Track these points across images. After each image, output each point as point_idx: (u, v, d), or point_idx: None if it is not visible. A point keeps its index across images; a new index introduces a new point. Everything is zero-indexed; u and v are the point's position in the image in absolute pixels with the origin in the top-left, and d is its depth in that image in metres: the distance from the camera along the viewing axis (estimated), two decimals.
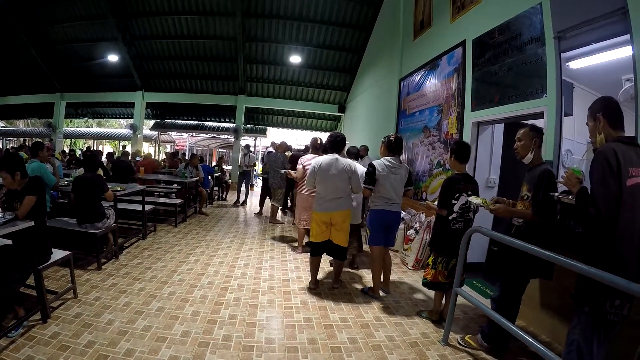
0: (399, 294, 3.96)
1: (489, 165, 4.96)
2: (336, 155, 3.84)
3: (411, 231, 5.00)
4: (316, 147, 5.34)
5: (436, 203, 3.27)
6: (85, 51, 13.19)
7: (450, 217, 3.12)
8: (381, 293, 3.88)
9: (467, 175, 3.24)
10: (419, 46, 6.58)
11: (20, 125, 25.93)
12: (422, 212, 5.16)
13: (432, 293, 3.52)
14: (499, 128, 4.89)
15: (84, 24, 12.13)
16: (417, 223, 5.04)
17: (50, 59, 13.65)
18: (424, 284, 3.38)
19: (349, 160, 3.89)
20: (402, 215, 5.23)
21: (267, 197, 7.80)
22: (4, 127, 23.36)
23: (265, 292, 3.82)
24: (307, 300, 3.66)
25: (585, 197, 1.93)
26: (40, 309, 2.99)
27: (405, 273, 4.75)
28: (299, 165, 5.10)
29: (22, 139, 19.93)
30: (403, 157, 6.22)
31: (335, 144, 3.92)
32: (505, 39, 4.10)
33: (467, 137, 4.68)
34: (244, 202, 9.81)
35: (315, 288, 3.98)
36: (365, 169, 4.07)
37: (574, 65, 3.50)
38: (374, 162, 3.67)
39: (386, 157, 3.71)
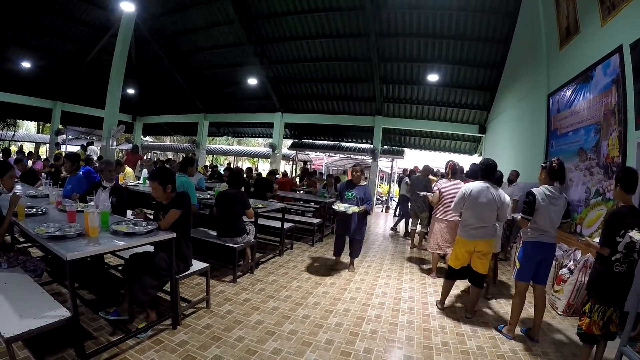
0: (548, 344, 3.48)
1: None
2: (487, 184, 3.79)
3: (564, 270, 4.36)
4: (451, 172, 5.29)
5: (596, 240, 2.86)
6: (225, 75, 15.14)
7: (612, 258, 2.70)
8: (529, 342, 3.47)
9: (634, 208, 2.75)
10: (567, 56, 5.85)
11: (167, 141, 30.41)
12: (577, 249, 4.47)
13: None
14: None
15: (224, 51, 13.97)
16: (572, 261, 4.37)
17: (194, 83, 16.08)
18: (578, 334, 2.97)
19: (500, 191, 3.84)
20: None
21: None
22: (153, 142, 28.22)
23: (404, 327, 3.63)
24: (448, 342, 3.37)
25: None
26: (172, 315, 3.14)
27: (555, 318, 4.14)
28: (435, 189, 5.16)
29: (167, 153, 23.68)
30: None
31: (487, 171, 3.87)
32: None
33: (631, 161, 3.93)
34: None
35: (442, 309, 4.12)
36: (505, 194, 3.89)
37: None
38: (534, 191, 3.34)
39: (546, 186, 3.35)
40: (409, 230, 7.98)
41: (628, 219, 2.64)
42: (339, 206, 5.11)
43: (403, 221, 8.90)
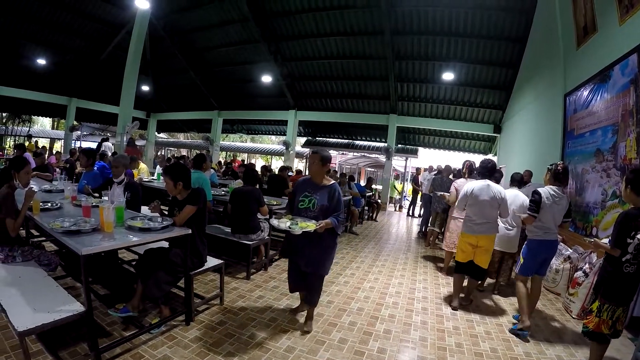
0: (561, 348, 3.41)
1: None
2: (488, 182, 4.04)
3: (579, 273, 4.28)
4: (468, 172, 5.38)
5: (605, 241, 2.87)
6: (240, 73, 15.19)
7: (623, 259, 2.67)
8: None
9: None
10: (584, 55, 5.73)
11: (180, 137, 30.51)
12: (592, 251, 4.39)
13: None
14: None
15: (238, 48, 14.00)
16: (587, 264, 4.29)
17: (208, 80, 16.14)
18: (584, 333, 2.95)
19: (499, 188, 4.06)
20: (569, 253, 4.65)
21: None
22: (166, 138, 28.33)
23: (418, 327, 3.60)
24: (462, 343, 3.35)
25: None
26: (185, 311, 3.15)
27: (569, 322, 4.06)
28: (452, 189, 5.22)
29: (181, 150, 23.92)
30: (570, 184, 5.61)
31: (488, 170, 4.12)
32: None
33: None
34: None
35: (457, 308, 4.13)
36: (527, 197, 4.02)
37: None
38: (540, 190, 3.54)
39: (550, 186, 3.54)
40: (427, 229, 7.94)
41: (638, 221, 2.62)
42: (282, 222, 3.02)
43: (418, 220, 8.82)
